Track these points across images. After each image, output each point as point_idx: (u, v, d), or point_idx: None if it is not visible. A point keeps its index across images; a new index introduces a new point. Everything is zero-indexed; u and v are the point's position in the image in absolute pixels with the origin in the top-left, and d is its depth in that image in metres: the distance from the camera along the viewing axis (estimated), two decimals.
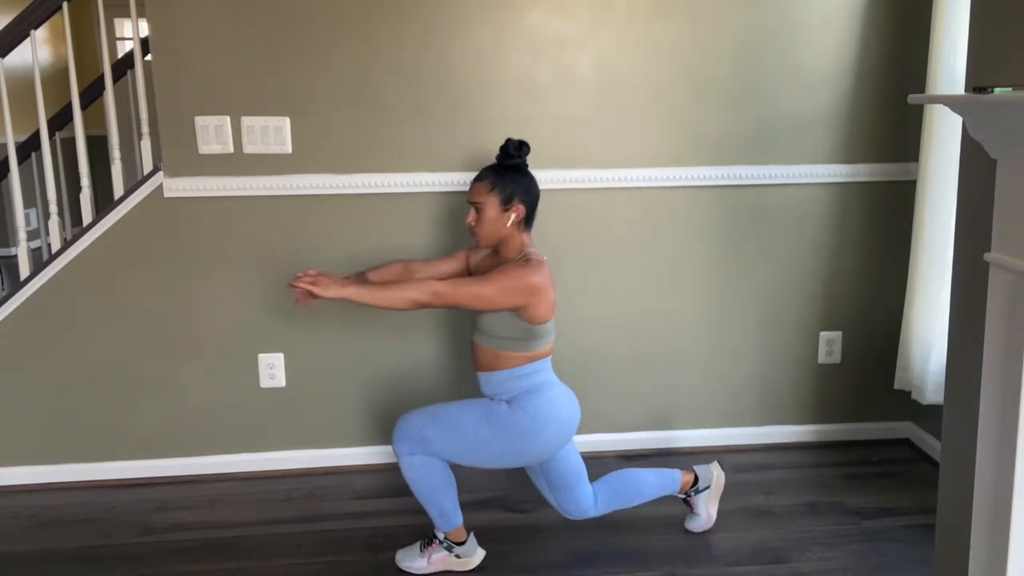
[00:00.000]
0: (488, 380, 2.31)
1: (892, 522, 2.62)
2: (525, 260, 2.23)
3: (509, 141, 2.29)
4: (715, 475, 2.58)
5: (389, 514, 2.73)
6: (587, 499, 2.42)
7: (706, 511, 2.56)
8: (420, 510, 2.73)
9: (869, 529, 2.59)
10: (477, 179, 2.29)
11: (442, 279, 2.23)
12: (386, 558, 2.47)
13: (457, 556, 2.40)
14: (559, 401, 2.28)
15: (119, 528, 2.68)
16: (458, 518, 2.37)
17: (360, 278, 2.38)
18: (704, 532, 2.57)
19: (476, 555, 2.43)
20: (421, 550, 2.41)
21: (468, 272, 2.47)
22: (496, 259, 2.35)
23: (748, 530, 2.58)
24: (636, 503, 2.50)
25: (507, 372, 2.26)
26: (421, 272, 2.43)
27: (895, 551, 2.46)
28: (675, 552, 2.48)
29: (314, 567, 2.44)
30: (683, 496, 2.56)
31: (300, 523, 2.69)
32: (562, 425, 2.28)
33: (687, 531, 2.58)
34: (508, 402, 2.27)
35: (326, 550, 2.53)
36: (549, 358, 2.32)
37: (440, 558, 2.40)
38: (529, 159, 2.87)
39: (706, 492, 2.56)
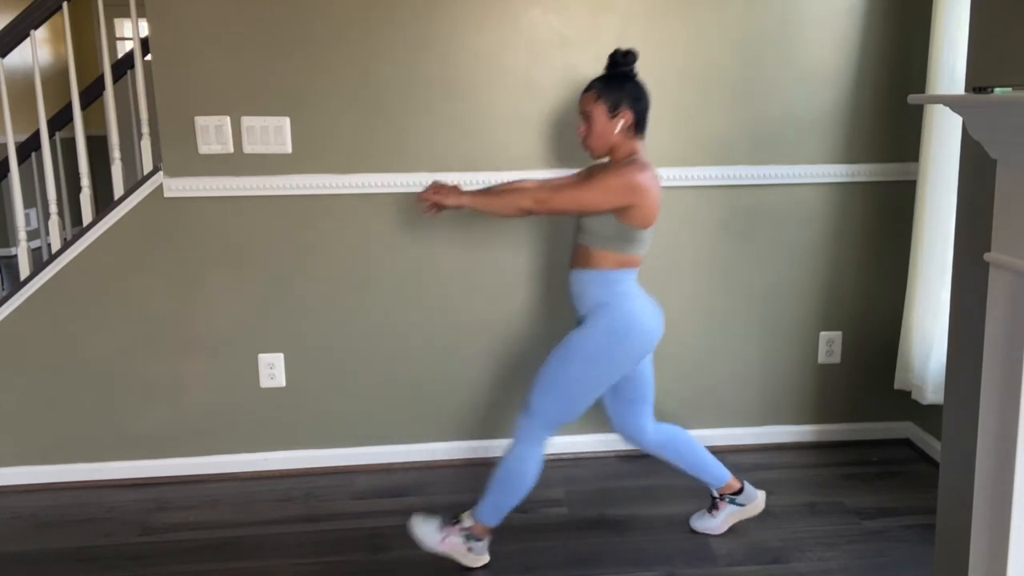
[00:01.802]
0: (579, 278, 2.31)
1: (892, 522, 2.62)
2: (631, 162, 2.23)
3: (616, 50, 2.29)
4: (757, 501, 2.56)
5: (389, 514, 2.73)
6: (646, 423, 2.47)
7: (723, 521, 2.55)
8: (420, 510, 2.74)
9: (869, 529, 2.59)
10: (585, 90, 2.29)
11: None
12: (386, 558, 2.47)
13: (469, 549, 2.40)
14: (642, 311, 2.29)
15: (119, 528, 2.68)
16: (498, 519, 2.39)
17: (483, 190, 2.42)
18: (705, 535, 2.56)
19: (483, 558, 2.43)
20: (440, 526, 2.40)
21: None
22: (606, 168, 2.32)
23: (748, 530, 2.58)
24: (682, 464, 2.51)
25: (596, 273, 2.27)
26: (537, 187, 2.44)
27: (895, 551, 2.46)
28: (675, 552, 2.48)
29: (314, 567, 2.44)
30: (716, 496, 2.55)
31: (300, 523, 2.69)
32: (646, 334, 2.29)
33: (688, 530, 2.58)
34: (589, 316, 2.28)
35: (326, 550, 2.53)
36: (636, 270, 2.31)
37: (452, 543, 2.39)
38: (529, 158, 2.89)
39: (738, 508, 2.55)
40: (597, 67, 2.83)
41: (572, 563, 2.44)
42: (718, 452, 3.11)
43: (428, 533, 2.40)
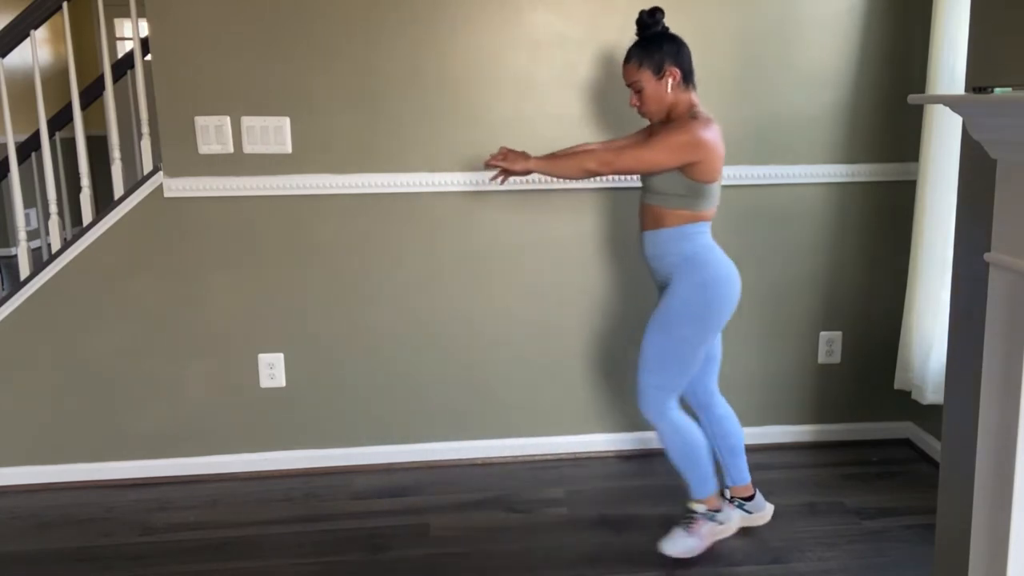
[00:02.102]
0: (654, 239, 2.31)
1: (892, 522, 2.62)
2: (693, 116, 2.22)
3: (643, 12, 2.28)
4: (765, 512, 2.56)
5: (389, 514, 2.73)
6: (715, 385, 2.50)
7: (701, 538, 2.41)
8: (420, 510, 2.74)
9: (868, 529, 2.59)
10: (625, 62, 2.29)
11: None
12: (386, 558, 2.47)
13: (720, 523, 2.42)
14: (726, 261, 2.30)
15: (119, 528, 2.68)
16: (714, 484, 2.40)
17: (548, 155, 2.43)
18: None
19: (734, 516, 2.46)
20: (687, 531, 2.40)
21: None
22: (667, 125, 2.32)
23: (748, 530, 2.58)
24: (722, 444, 2.50)
25: (672, 230, 2.27)
26: (600, 149, 2.45)
27: (895, 551, 2.46)
28: None
29: (314, 567, 2.44)
30: (728, 497, 2.54)
31: (300, 523, 2.69)
32: (735, 282, 2.30)
33: None
34: (675, 274, 2.28)
35: (326, 550, 2.53)
36: (710, 223, 2.31)
37: (708, 531, 2.40)
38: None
39: (745, 515, 2.53)
40: (597, 67, 2.84)
41: (572, 563, 2.44)
42: None
43: (685, 543, 2.40)
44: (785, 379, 3.14)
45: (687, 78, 2.28)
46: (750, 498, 2.55)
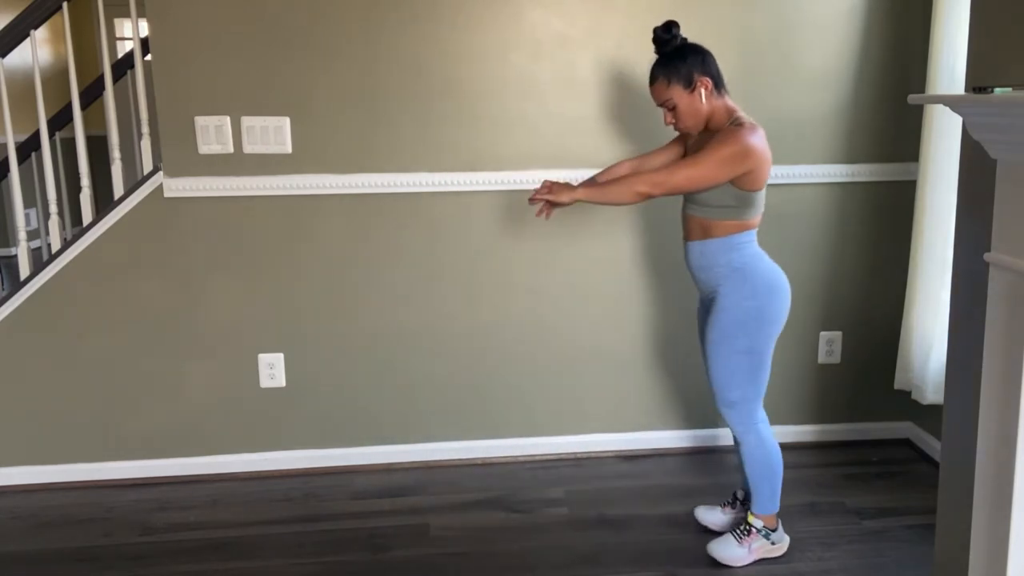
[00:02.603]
0: (701, 249, 2.27)
1: (892, 522, 2.62)
2: (738, 124, 2.18)
3: (657, 28, 2.24)
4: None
5: (389, 514, 2.73)
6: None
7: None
8: (420, 510, 2.74)
9: (869, 529, 2.59)
10: (651, 83, 2.25)
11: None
12: (386, 558, 2.47)
13: (772, 543, 2.42)
14: (776, 268, 2.27)
15: (119, 528, 2.68)
16: (778, 504, 2.40)
17: (590, 183, 2.38)
18: (704, 533, 2.56)
19: (785, 540, 2.46)
20: (739, 540, 2.40)
21: (686, 154, 2.41)
22: (708, 134, 2.27)
23: None
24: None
25: (720, 241, 2.23)
26: (645, 165, 2.42)
27: (895, 551, 2.46)
28: (675, 552, 2.48)
29: (314, 567, 2.44)
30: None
31: (300, 523, 2.69)
32: (787, 288, 2.28)
33: (688, 530, 2.57)
34: (725, 285, 2.25)
35: (326, 550, 2.53)
36: (755, 231, 2.28)
37: (759, 547, 2.40)
38: (528, 158, 2.88)
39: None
40: (597, 67, 2.84)
41: (572, 563, 2.44)
42: (719, 452, 3.12)
43: (733, 551, 2.40)
44: (785, 379, 3.14)
45: (718, 85, 2.23)
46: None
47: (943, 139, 2.72)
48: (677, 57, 2.21)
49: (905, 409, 3.13)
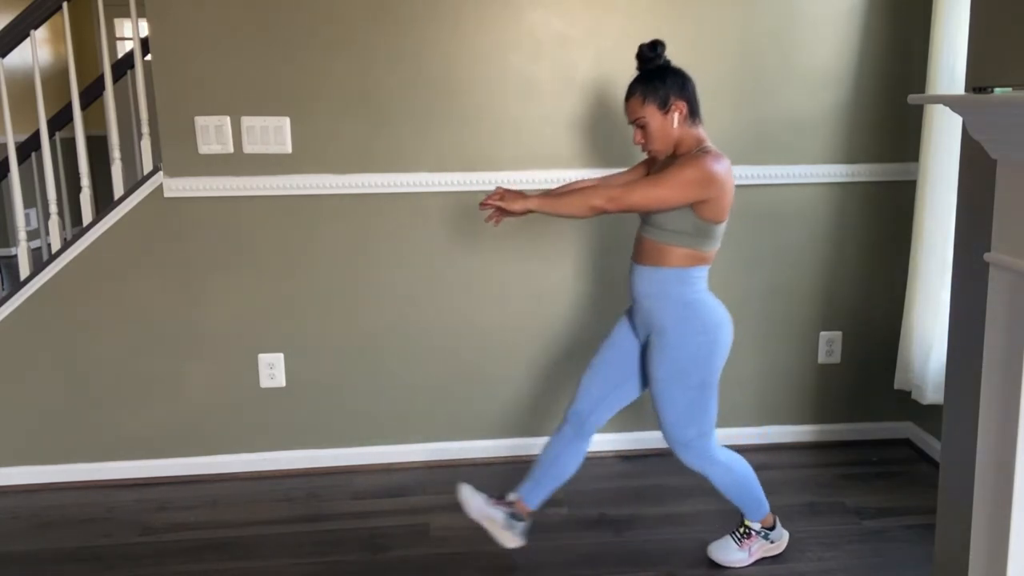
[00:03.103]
0: (651, 276, 2.20)
1: (892, 522, 2.62)
2: (703, 152, 2.13)
3: (643, 45, 2.19)
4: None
5: (389, 514, 2.73)
6: (605, 418, 2.42)
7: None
8: (420, 510, 2.74)
9: (869, 529, 2.59)
10: (627, 98, 2.19)
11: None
12: (386, 558, 2.47)
13: (772, 542, 2.42)
14: (718, 307, 2.23)
15: (119, 528, 2.68)
16: (767, 504, 2.39)
17: (545, 193, 2.32)
18: (703, 533, 2.55)
19: (784, 536, 2.46)
20: (739, 543, 2.41)
21: None
22: (674, 160, 2.21)
23: None
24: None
25: (674, 271, 2.17)
26: (605, 185, 2.36)
27: (895, 551, 2.46)
28: (675, 552, 2.48)
29: (314, 567, 2.44)
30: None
31: (300, 523, 2.69)
32: (730, 326, 2.24)
33: (688, 530, 2.57)
34: (671, 320, 2.19)
35: (326, 550, 2.53)
36: (708, 267, 2.23)
37: (759, 548, 2.41)
38: (527, 158, 2.88)
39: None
40: (597, 67, 2.84)
41: (572, 563, 2.44)
42: None
43: (733, 554, 2.40)
44: (785, 379, 3.14)
45: (693, 112, 2.19)
46: (521, 519, 2.39)
47: (943, 139, 2.72)
48: (657, 76, 2.16)
49: (905, 409, 3.13)
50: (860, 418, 3.20)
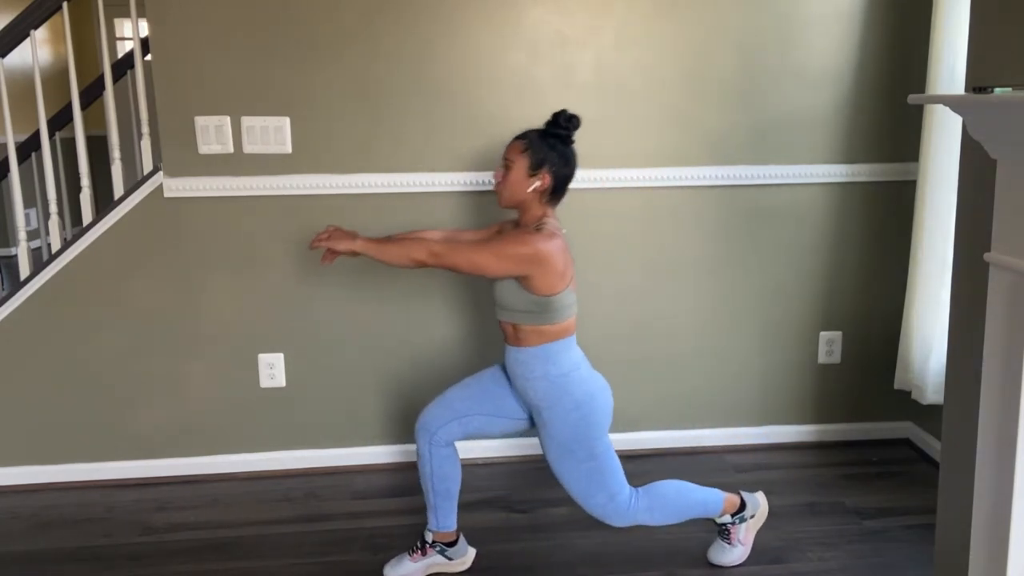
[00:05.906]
0: (516, 356, 2.20)
1: (892, 522, 2.62)
2: (536, 229, 2.12)
3: (562, 112, 2.18)
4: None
5: (389, 514, 2.73)
6: (451, 438, 2.41)
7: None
8: (420, 510, 2.73)
9: (869, 529, 2.59)
10: (517, 137, 2.19)
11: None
12: (386, 558, 2.47)
13: (751, 516, 2.39)
14: (594, 378, 2.21)
15: (119, 528, 2.68)
16: (719, 495, 2.34)
17: (377, 238, 2.29)
18: (703, 533, 2.55)
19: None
20: (728, 542, 2.38)
21: None
22: (515, 229, 2.23)
23: None
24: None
25: (535, 351, 2.15)
26: (451, 239, 2.36)
27: (895, 551, 2.46)
28: (675, 552, 2.48)
29: (314, 567, 2.44)
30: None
31: (300, 523, 2.69)
32: (607, 393, 2.22)
33: (688, 530, 2.57)
34: (547, 399, 2.18)
35: (326, 550, 2.53)
36: (573, 337, 2.20)
37: (746, 533, 2.39)
38: None
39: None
40: (597, 67, 2.84)
41: (572, 563, 2.44)
42: (719, 452, 3.12)
43: (733, 554, 2.38)
44: (785, 379, 3.14)
45: (555, 193, 2.18)
46: (452, 544, 2.40)
47: (943, 139, 2.72)
48: (551, 143, 2.16)
49: (905, 409, 3.13)
50: (860, 418, 3.20)
